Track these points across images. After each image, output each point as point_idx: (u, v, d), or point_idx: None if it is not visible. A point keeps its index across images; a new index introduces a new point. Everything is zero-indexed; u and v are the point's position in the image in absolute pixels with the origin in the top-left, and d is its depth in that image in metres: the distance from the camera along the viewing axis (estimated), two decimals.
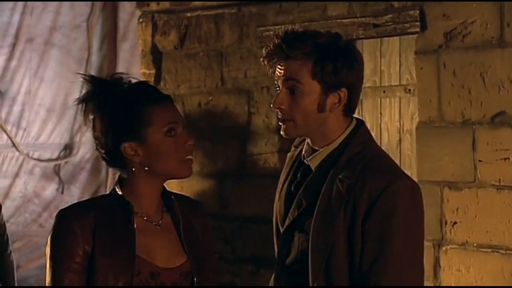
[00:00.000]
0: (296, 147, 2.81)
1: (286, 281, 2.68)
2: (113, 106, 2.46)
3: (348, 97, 2.60)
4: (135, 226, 2.46)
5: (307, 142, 2.69)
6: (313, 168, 2.64)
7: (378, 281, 2.49)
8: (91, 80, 2.54)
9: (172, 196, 2.58)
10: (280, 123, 2.64)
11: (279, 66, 2.59)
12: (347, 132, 2.63)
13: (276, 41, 2.58)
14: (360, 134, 2.64)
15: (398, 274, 2.50)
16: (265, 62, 2.63)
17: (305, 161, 2.67)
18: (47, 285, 2.43)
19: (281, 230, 2.69)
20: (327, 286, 2.55)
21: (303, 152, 2.70)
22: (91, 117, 2.52)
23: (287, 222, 2.66)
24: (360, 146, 2.61)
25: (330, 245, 2.53)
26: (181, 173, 2.49)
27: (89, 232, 2.42)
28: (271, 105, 2.63)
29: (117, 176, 2.57)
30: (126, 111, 2.45)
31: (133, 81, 2.54)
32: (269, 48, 2.61)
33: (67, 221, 2.43)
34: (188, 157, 2.48)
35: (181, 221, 2.54)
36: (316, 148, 2.65)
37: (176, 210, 2.55)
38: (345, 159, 2.58)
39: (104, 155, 2.51)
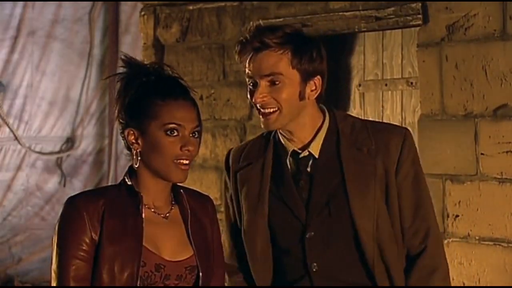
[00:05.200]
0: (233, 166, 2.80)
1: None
2: (132, 91, 2.48)
3: (321, 84, 2.68)
4: (143, 216, 2.46)
5: (282, 140, 2.70)
6: (316, 155, 2.66)
7: (428, 226, 2.70)
8: (126, 62, 2.53)
9: (181, 190, 2.58)
10: (261, 117, 2.65)
11: (256, 61, 2.62)
12: (327, 115, 2.72)
13: (250, 33, 2.63)
14: (337, 112, 2.76)
15: (433, 212, 2.75)
16: (240, 57, 2.66)
17: (307, 151, 2.68)
18: (53, 272, 2.44)
19: (295, 226, 2.68)
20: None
21: (289, 150, 2.69)
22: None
23: (314, 211, 2.65)
24: (348, 118, 2.75)
25: (375, 211, 2.62)
26: (171, 176, 2.47)
27: (97, 220, 2.43)
28: (253, 101, 2.64)
29: (127, 167, 2.57)
30: (139, 98, 2.47)
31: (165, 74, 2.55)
32: (244, 41, 2.64)
33: (76, 209, 2.44)
34: (182, 161, 2.45)
35: (189, 215, 2.54)
36: (296, 139, 2.68)
37: (184, 204, 2.55)
38: (347, 133, 2.68)
39: (122, 137, 2.55)
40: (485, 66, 4.27)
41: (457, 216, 4.38)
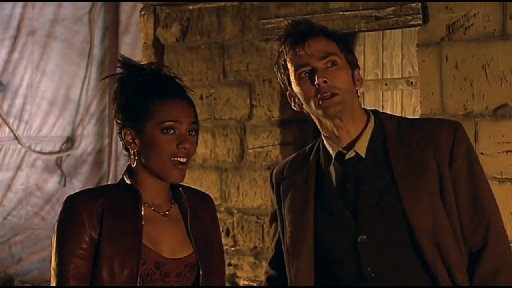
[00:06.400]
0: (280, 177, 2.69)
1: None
2: (129, 91, 2.49)
3: (361, 78, 2.64)
4: (142, 214, 2.46)
5: (326, 144, 2.61)
6: (362, 155, 2.57)
7: (488, 221, 2.54)
8: (123, 62, 2.54)
9: (180, 188, 2.58)
10: (320, 103, 2.53)
11: (308, 46, 2.54)
12: (372, 116, 2.63)
13: (296, 26, 2.60)
14: (382, 113, 2.67)
15: (495, 206, 2.61)
16: (286, 45, 2.58)
17: (352, 152, 2.57)
18: (52, 270, 2.44)
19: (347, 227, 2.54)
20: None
21: (333, 153, 2.59)
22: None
23: (364, 213, 2.52)
24: (393, 118, 2.65)
25: (430, 208, 2.50)
26: (168, 176, 2.47)
27: (96, 219, 2.43)
28: (315, 83, 2.52)
29: (126, 166, 2.57)
30: (134, 99, 2.48)
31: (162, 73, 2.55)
32: (291, 27, 2.60)
33: (75, 207, 2.44)
34: (179, 159, 2.46)
35: (189, 213, 2.54)
36: (344, 136, 2.59)
37: (183, 202, 2.55)
38: (393, 131, 2.58)
39: (119, 137, 2.55)
40: (485, 65, 4.27)
41: None
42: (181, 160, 2.46)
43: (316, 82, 2.51)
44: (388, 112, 2.96)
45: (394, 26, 4.69)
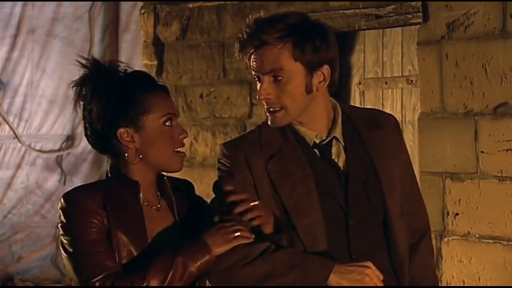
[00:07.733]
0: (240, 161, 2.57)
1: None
2: (111, 90, 2.44)
3: (331, 73, 2.56)
4: (141, 203, 2.45)
5: (300, 129, 2.58)
6: (341, 140, 2.58)
7: (424, 208, 2.75)
8: (89, 63, 2.48)
9: (165, 177, 2.55)
10: (267, 114, 2.56)
11: (256, 57, 2.52)
12: (337, 103, 2.66)
13: (248, 30, 2.54)
14: (338, 101, 2.71)
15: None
16: (241, 55, 2.56)
17: (331, 137, 2.58)
18: (73, 272, 2.36)
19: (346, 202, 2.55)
20: None
21: (311, 138, 2.57)
22: (81, 102, 2.47)
23: (353, 197, 2.54)
24: (349, 105, 2.80)
25: (401, 192, 2.64)
26: (172, 166, 2.48)
27: (101, 209, 2.38)
28: (258, 97, 2.55)
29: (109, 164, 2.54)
30: (125, 95, 2.43)
31: (129, 70, 2.53)
32: (243, 39, 2.55)
33: (78, 199, 2.40)
34: (181, 149, 2.48)
35: (175, 202, 2.53)
36: (314, 128, 2.58)
37: (168, 192, 2.54)
38: (357, 117, 2.65)
39: (94, 141, 2.48)
40: (485, 64, 4.27)
41: (457, 214, 4.38)
42: (181, 149, 2.48)
43: (257, 96, 2.55)
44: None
45: (394, 25, 4.69)
